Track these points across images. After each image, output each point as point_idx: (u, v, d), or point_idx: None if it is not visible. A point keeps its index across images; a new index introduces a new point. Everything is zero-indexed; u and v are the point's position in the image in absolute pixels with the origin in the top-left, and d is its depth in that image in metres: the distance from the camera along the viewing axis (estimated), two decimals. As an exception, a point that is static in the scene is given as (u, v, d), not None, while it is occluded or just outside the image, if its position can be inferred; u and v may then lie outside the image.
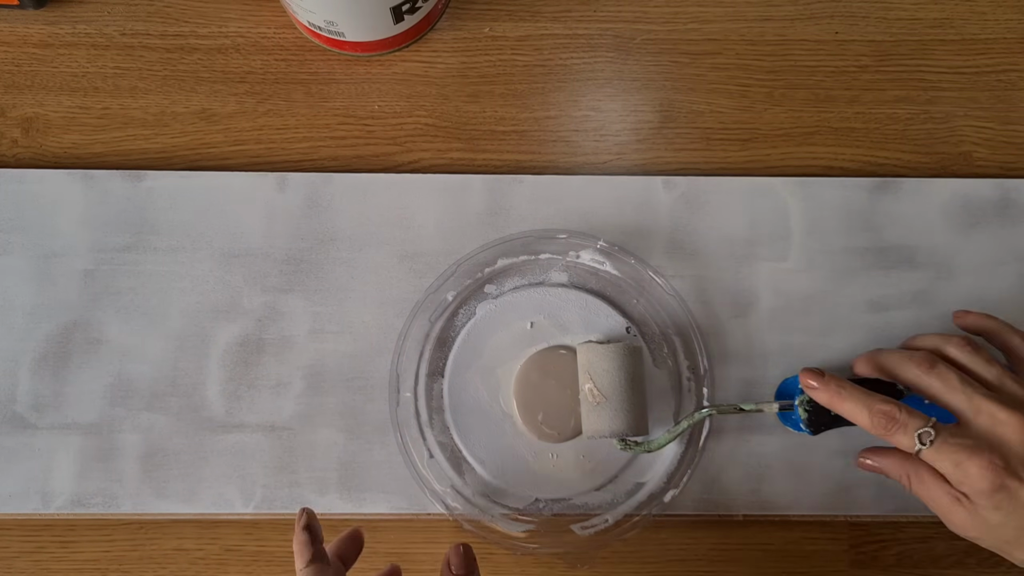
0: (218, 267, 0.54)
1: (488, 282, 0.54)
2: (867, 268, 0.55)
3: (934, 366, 0.45)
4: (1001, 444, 0.42)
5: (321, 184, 0.55)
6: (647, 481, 0.52)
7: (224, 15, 0.58)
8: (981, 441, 0.42)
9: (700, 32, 0.59)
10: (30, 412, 0.53)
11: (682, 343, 0.53)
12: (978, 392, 0.44)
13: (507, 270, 0.54)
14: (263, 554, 0.53)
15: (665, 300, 0.53)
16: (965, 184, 0.56)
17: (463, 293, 0.54)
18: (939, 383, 0.44)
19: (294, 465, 0.52)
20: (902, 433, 0.43)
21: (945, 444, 0.42)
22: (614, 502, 0.52)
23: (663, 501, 0.51)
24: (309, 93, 0.57)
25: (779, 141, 0.57)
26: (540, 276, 0.54)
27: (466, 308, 0.54)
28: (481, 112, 0.57)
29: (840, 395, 0.45)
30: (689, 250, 0.55)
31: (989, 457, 0.42)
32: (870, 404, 0.44)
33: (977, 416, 0.43)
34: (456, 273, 0.53)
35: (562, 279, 0.54)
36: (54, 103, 0.57)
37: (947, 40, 0.59)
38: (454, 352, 0.53)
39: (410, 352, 0.53)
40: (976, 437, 0.42)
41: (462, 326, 0.54)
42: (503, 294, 0.54)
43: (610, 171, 0.57)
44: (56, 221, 0.54)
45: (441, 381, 0.53)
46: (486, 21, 0.58)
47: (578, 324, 0.53)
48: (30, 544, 0.53)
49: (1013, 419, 0.42)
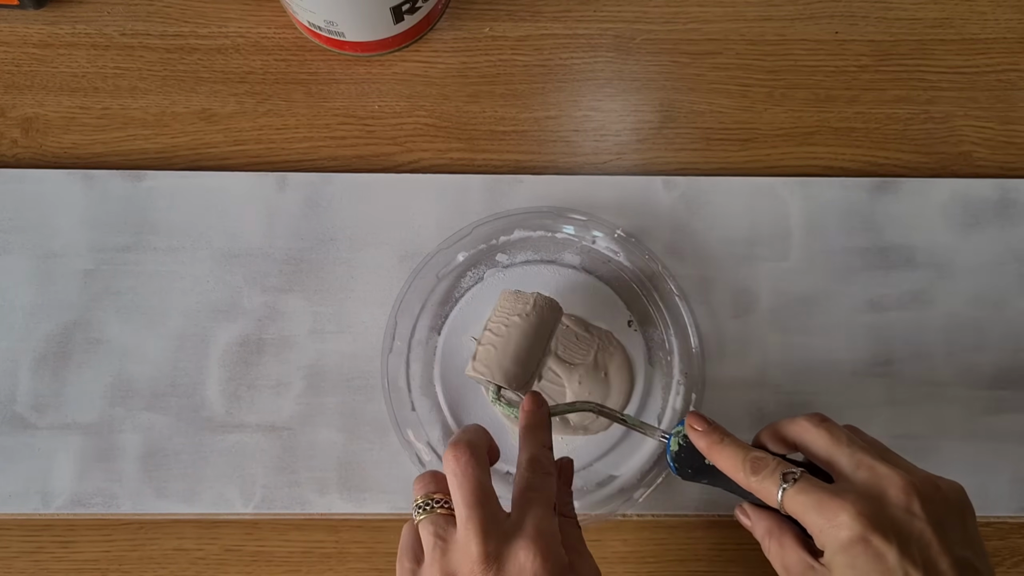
0: (218, 267, 0.54)
1: (501, 251, 0.54)
2: (867, 268, 0.55)
3: (824, 421, 0.42)
4: (877, 498, 0.38)
5: (321, 184, 0.55)
6: (620, 475, 0.52)
7: (224, 15, 0.58)
8: (854, 490, 0.39)
9: (700, 32, 0.59)
10: (30, 412, 0.53)
11: (680, 346, 0.53)
12: (863, 449, 0.40)
13: (522, 242, 0.54)
14: (263, 554, 0.53)
15: (671, 300, 0.53)
16: (965, 184, 0.56)
17: (474, 256, 0.54)
18: (827, 435, 0.41)
19: (294, 465, 0.52)
20: (769, 477, 0.40)
21: (809, 485, 0.39)
22: (584, 489, 0.52)
23: (633, 498, 0.51)
24: (309, 93, 0.57)
25: (779, 141, 0.57)
26: (553, 254, 0.54)
27: (474, 272, 0.54)
28: (481, 112, 0.57)
29: (721, 443, 0.43)
30: (689, 250, 0.55)
31: (856, 504, 0.38)
32: (747, 452, 0.42)
33: (857, 470, 0.40)
34: (471, 235, 0.53)
35: (574, 261, 0.54)
36: (54, 103, 0.57)
37: (947, 40, 0.59)
38: (454, 312, 0.54)
39: (411, 303, 0.53)
40: (851, 489, 0.39)
41: (467, 288, 0.54)
42: (513, 265, 0.54)
43: (610, 171, 0.57)
44: (56, 221, 0.54)
45: (437, 339, 0.53)
46: (486, 21, 0.58)
47: (580, 306, 0.53)
48: (30, 544, 0.53)
49: (895, 475, 0.39)
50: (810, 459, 0.42)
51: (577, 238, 0.54)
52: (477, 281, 0.54)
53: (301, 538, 0.53)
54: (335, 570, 0.52)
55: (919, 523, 0.38)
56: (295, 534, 0.53)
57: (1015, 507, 0.53)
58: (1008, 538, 0.53)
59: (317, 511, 0.52)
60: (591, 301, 0.54)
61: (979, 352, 0.54)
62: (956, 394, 0.54)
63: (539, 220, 0.54)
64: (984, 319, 0.54)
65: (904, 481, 0.39)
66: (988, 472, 0.53)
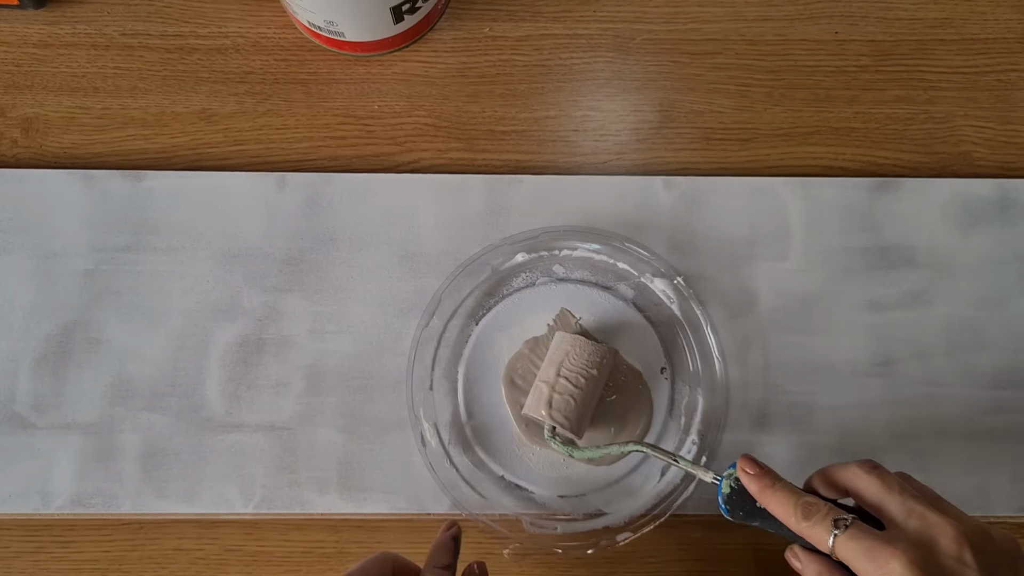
0: (218, 267, 0.54)
1: (560, 263, 0.54)
2: (867, 268, 0.55)
3: (876, 467, 0.42)
4: (928, 546, 0.38)
5: (321, 184, 0.55)
6: (610, 513, 0.52)
7: (224, 15, 0.58)
8: (905, 538, 0.39)
9: (700, 32, 0.59)
10: (30, 412, 0.53)
11: (704, 407, 0.52)
12: (914, 497, 0.40)
13: (582, 261, 0.54)
14: (263, 554, 0.53)
15: (710, 359, 0.53)
16: (965, 184, 0.56)
17: (533, 261, 0.54)
18: (879, 483, 0.41)
19: (294, 465, 0.52)
20: (821, 522, 0.41)
21: (860, 531, 0.39)
22: (572, 515, 0.52)
23: (615, 540, 0.50)
24: (309, 93, 0.57)
25: (779, 141, 0.57)
26: (611, 282, 0.55)
27: (528, 275, 0.54)
28: (481, 112, 0.57)
29: (773, 487, 0.43)
30: (689, 250, 0.55)
31: (907, 552, 0.38)
32: (799, 496, 0.42)
33: (909, 518, 0.40)
34: (536, 239, 0.54)
35: (628, 295, 0.54)
36: (54, 103, 0.57)
37: (947, 40, 0.59)
38: (498, 307, 0.54)
39: (459, 287, 0.53)
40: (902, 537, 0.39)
41: (517, 289, 0.54)
42: (568, 280, 0.54)
43: (610, 171, 0.57)
44: (56, 221, 0.54)
45: (473, 327, 0.54)
46: (486, 21, 0.58)
47: (621, 341, 0.53)
48: (30, 544, 0.53)
49: (946, 524, 0.39)
50: (861, 505, 0.42)
51: (636, 273, 0.54)
52: (528, 285, 0.54)
53: (301, 538, 0.53)
54: (335, 570, 0.52)
55: (970, 572, 0.38)
56: (295, 534, 0.53)
57: (1015, 507, 0.53)
58: (1008, 538, 0.53)
59: (317, 511, 0.52)
60: (632, 338, 0.54)
61: (979, 352, 0.54)
62: (956, 394, 0.53)
63: (604, 244, 0.54)
64: (984, 319, 0.54)
65: (956, 531, 0.39)
66: (988, 472, 0.53)
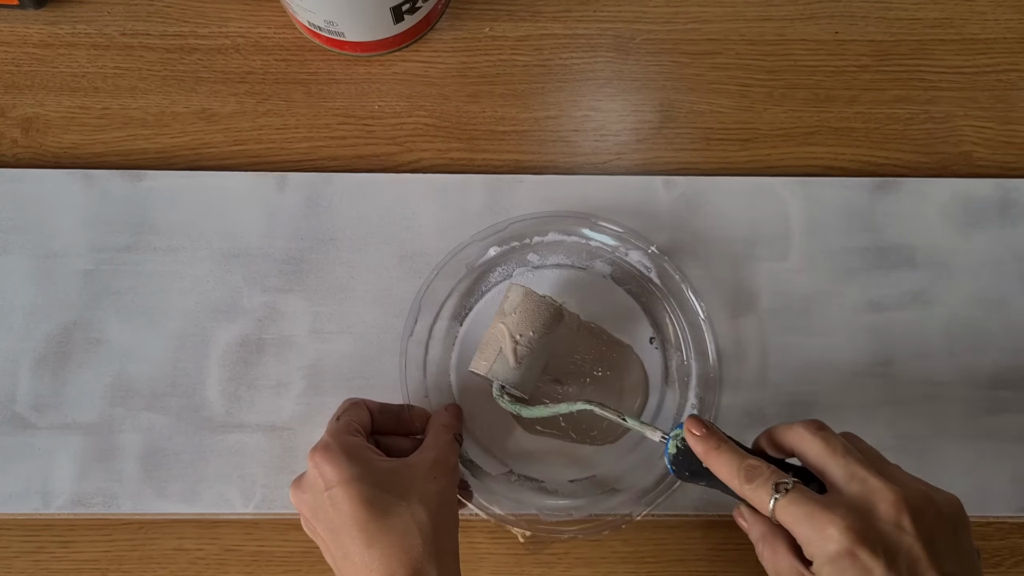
0: (218, 267, 0.54)
1: (533, 251, 0.54)
2: (867, 268, 0.55)
3: (821, 428, 0.42)
4: (867, 512, 0.38)
5: (321, 184, 0.55)
6: (622, 490, 0.51)
7: (224, 15, 0.58)
8: (844, 503, 0.39)
9: (700, 32, 0.59)
10: (30, 412, 0.53)
11: (699, 369, 0.53)
12: (857, 460, 0.40)
13: (555, 245, 0.54)
14: (263, 554, 0.53)
15: (696, 323, 0.53)
16: (965, 184, 0.56)
17: (506, 253, 0.54)
18: (822, 444, 0.41)
19: (294, 465, 0.52)
20: (763, 486, 0.41)
21: (800, 496, 0.40)
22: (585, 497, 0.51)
23: (631, 516, 0.50)
24: (309, 93, 0.57)
25: (779, 141, 0.57)
26: (586, 261, 0.54)
27: (504, 268, 0.54)
28: (481, 112, 0.57)
29: (718, 449, 0.43)
30: (689, 250, 0.55)
31: (845, 518, 0.38)
32: (743, 459, 0.42)
33: (850, 482, 0.40)
34: (505, 231, 0.53)
35: (605, 271, 0.54)
36: (54, 103, 0.57)
37: (947, 40, 0.59)
38: (479, 306, 0.54)
39: (437, 291, 0.53)
40: (841, 502, 0.39)
41: (495, 284, 0.54)
42: (544, 267, 0.54)
43: (610, 171, 0.57)
44: (56, 221, 0.54)
45: (458, 329, 0.54)
46: (486, 21, 0.58)
47: (605, 318, 0.53)
48: (30, 544, 0.53)
49: (886, 488, 0.39)
50: (806, 466, 0.43)
51: (610, 248, 0.54)
52: (505, 278, 0.54)
53: (301, 538, 0.52)
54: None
55: (908, 538, 0.38)
56: (295, 534, 0.53)
57: (1015, 507, 0.53)
58: (1008, 538, 0.53)
59: (317, 511, 0.52)
60: (616, 313, 0.54)
61: (979, 352, 0.54)
62: (956, 394, 0.54)
63: (575, 225, 0.54)
64: (984, 319, 0.54)
65: (895, 496, 0.39)
66: (988, 472, 0.53)
